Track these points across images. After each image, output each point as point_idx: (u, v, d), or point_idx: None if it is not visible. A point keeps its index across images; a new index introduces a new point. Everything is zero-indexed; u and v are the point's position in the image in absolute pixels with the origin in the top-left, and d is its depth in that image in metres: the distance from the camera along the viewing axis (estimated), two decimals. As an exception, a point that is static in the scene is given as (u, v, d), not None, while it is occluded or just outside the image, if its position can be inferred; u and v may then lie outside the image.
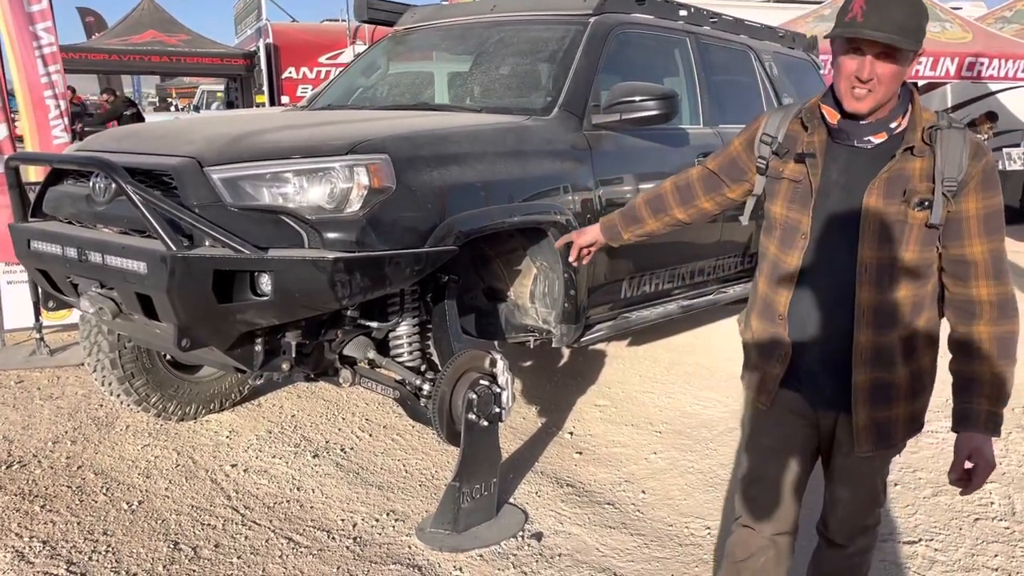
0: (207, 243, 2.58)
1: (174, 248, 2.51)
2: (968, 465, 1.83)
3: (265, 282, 2.60)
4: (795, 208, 1.91)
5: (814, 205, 1.87)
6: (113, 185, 2.79)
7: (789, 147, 1.93)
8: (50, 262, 3.01)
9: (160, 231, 2.51)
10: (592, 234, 2.50)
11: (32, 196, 3.26)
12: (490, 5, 4.34)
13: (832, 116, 1.85)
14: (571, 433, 4.06)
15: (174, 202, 2.61)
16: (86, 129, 13.22)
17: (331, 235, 2.60)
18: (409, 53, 4.69)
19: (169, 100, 28.46)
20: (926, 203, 1.75)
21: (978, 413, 1.81)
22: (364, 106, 4.21)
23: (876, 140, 1.81)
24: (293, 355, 2.96)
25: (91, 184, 2.90)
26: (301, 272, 2.55)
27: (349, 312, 3.02)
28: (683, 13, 4.46)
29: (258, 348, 2.88)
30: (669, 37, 4.30)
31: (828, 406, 1.97)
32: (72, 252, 2.86)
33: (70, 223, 3.06)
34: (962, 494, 1.88)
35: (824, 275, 1.88)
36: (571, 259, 2.53)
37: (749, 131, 2.08)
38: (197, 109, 20.17)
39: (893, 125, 1.80)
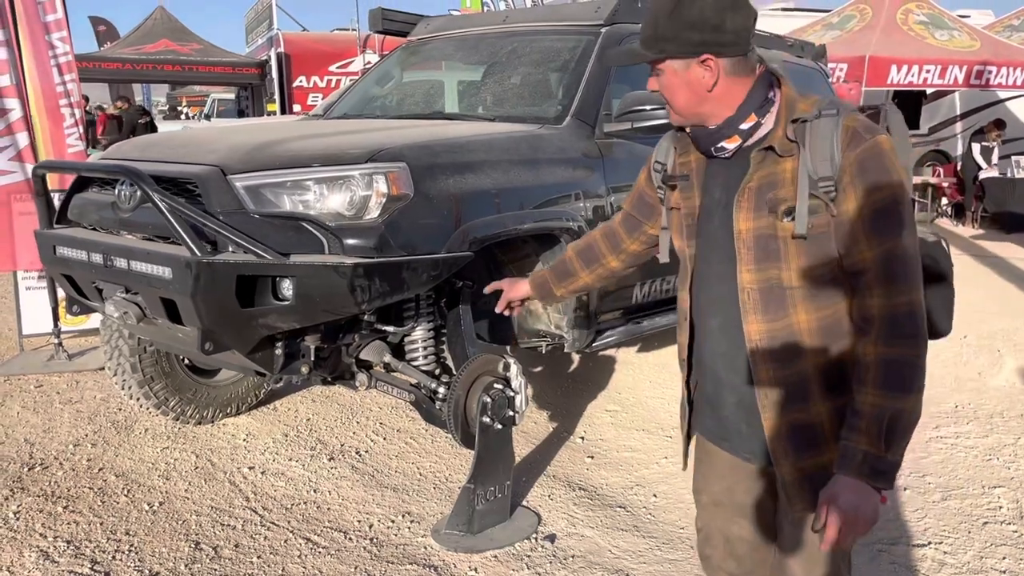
0: (230, 249, 2.65)
1: (199, 254, 2.58)
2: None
3: (287, 287, 2.66)
4: (683, 238, 1.72)
5: (695, 232, 1.68)
6: (138, 192, 2.86)
7: (673, 172, 1.75)
8: (76, 267, 3.08)
9: (185, 237, 2.57)
10: (522, 289, 2.26)
11: (57, 203, 3.34)
12: (503, 16, 4.41)
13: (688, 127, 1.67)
14: (582, 438, 4.11)
15: (198, 209, 2.68)
16: (101, 138, 13.37)
17: (351, 241, 2.66)
18: (423, 63, 4.76)
19: (179, 108, 28.67)
20: (793, 210, 1.49)
21: (853, 453, 1.47)
22: (379, 115, 4.28)
23: (730, 145, 1.59)
24: (312, 359, 3.02)
25: (116, 191, 2.98)
26: (322, 277, 2.62)
27: (366, 317, 3.08)
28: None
29: (278, 352, 2.94)
30: (679, 47, 4.35)
31: (761, 459, 1.69)
32: (98, 258, 2.93)
33: (95, 229, 3.14)
34: (821, 547, 1.48)
35: (717, 311, 1.66)
36: (498, 309, 2.33)
37: (646, 165, 1.90)
38: (208, 118, 20.33)
39: (744, 126, 1.56)
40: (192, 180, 2.75)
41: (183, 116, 25.67)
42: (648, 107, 3.50)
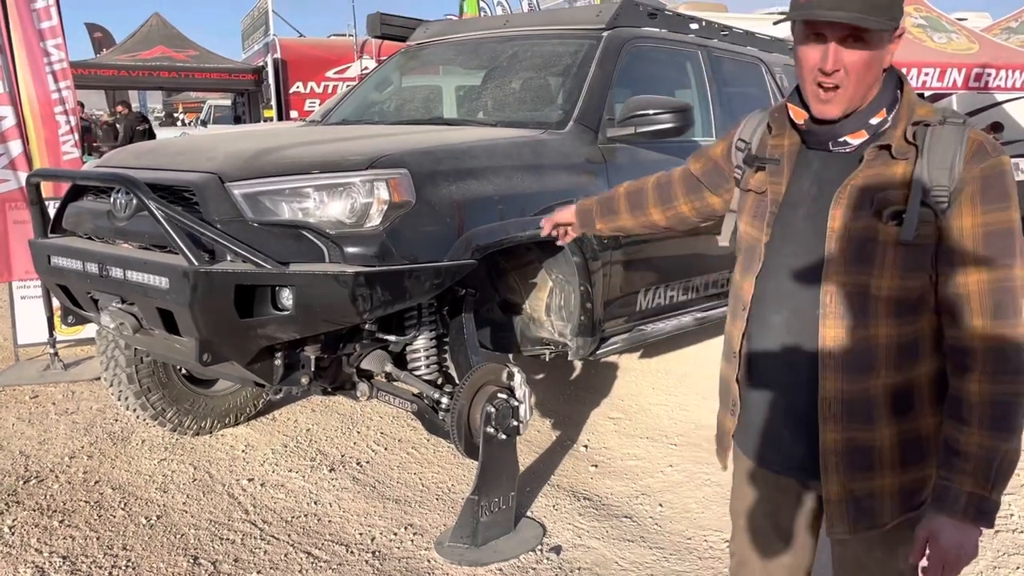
0: (228, 258, 2.59)
1: (196, 263, 2.52)
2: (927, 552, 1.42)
3: (286, 297, 2.61)
4: (755, 224, 1.60)
5: (774, 220, 1.55)
6: (134, 201, 2.81)
7: (760, 154, 1.63)
8: (71, 277, 3.03)
9: (182, 246, 2.52)
10: (567, 214, 2.22)
11: (52, 212, 3.28)
12: (503, 20, 4.37)
13: (798, 115, 1.52)
14: (586, 446, 4.05)
15: (195, 218, 2.62)
16: (95, 145, 13.31)
17: (352, 250, 2.61)
18: (422, 68, 4.72)
19: (175, 115, 28.60)
20: (900, 215, 1.39)
21: (956, 494, 1.39)
22: (378, 121, 4.23)
23: (854, 140, 1.46)
24: (312, 369, 2.97)
25: (112, 200, 2.92)
26: (322, 287, 2.56)
27: (367, 326, 3.02)
28: (694, 26, 4.48)
29: (278, 362, 2.89)
30: (681, 50, 4.32)
31: (800, 473, 1.60)
32: (93, 267, 2.88)
33: (90, 239, 3.08)
34: None
35: (783, 306, 1.54)
36: (543, 233, 2.30)
37: (728, 135, 1.77)
38: (204, 124, 20.27)
39: (874, 121, 1.45)
40: (189, 188, 2.70)
41: (179, 123, 25.61)
42: (651, 112, 3.46)
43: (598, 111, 3.59)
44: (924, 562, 1.42)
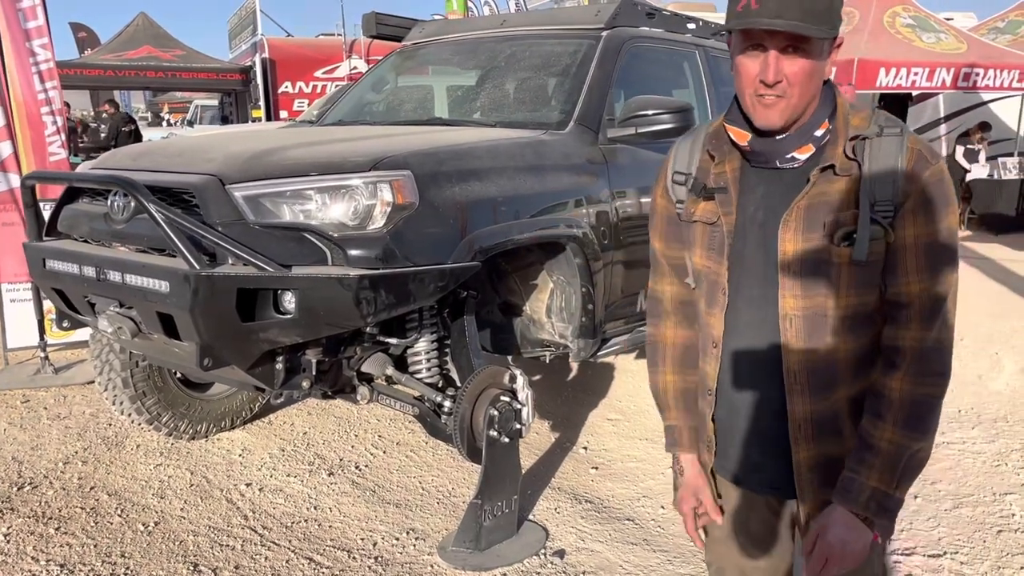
0: (230, 261, 2.55)
1: (197, 267, 2.48)
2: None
3: (288, 300, 2.57)
4: (713, 257, 1.53)
5: (730, 251, 1.50)
6: (133, 203, 2.77)
7: (704, 181, 1.54)
8: (67, 281, 2.98)
9: (183, 249, 2.48)
10: (703, 481, 1.71)
11: (46, 214, 3.23)
12: (500, 19, 4.34)
13: (740, 137, 1.47)
14: (586, 448, 4.03)
15: (196, 220, 2.58)
16: (80, 145, 13.18)
17: (355, 252, 2.58)
18: (419, 68, 4.69)
19: (161, 116, 28.37)
20: (852, 235, 1.37)
21: (861, 487, 1.42)
22: (375, 121, 4.20)
23: (802, 155, 1.43)
24: (313, 373, 2.93)
25: (109, 202, 2.88)
26: (325, 290, 2.53)
27: (368, 329, 2.99)
28: (691, 26, 4.47)
29: (279, 366, 2.85)
30: (679, 50, 4.31)
31: (774, 491, 1.60)
32: (90, 271, 2.83)
33: (86, 241, 3.03)
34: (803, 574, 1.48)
35: (750, 336, 1.51)
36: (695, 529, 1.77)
37: (659, 178, 1.65)
38: (191, 124, 20.13)
39: (819, 133, 1.42)
40: (189, 190, 2.66)
41: (165, 123, 25.41)
42: (651, 112, 3.44)
43: (598, 111, 3.57)
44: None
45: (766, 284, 1.47)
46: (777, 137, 1.43)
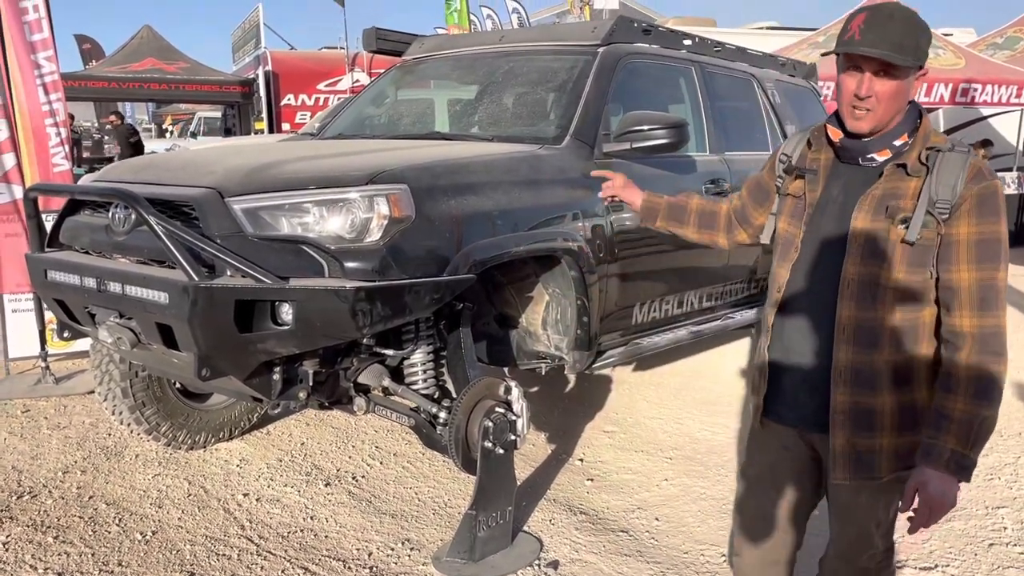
0: (228, 273, 2.59)
1: (196, 278, 2.52)
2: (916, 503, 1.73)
3: (286, 311, 2.61)
4: (793, 223, 1.93)
5: (808, 219, 1.89)
6: (133, 216, 2.81)
7: (800, 165, 1.96)
8: (67, 292, 3.02)
9: (182, 261, 2.52)
10: (634, 198, 2.51)
11: (48, 225, 3.27)
12: (498, 35, 4.39)
13: (835, 135, 1.86)
14: (581, 460, 4.06)
15: (195, 232, 2.62)
16: (84, 157, 13.27)
17: (352, 264, 2.62)
18: (418, 83, 4.74)
19: (164, 128, 28.50)
20: (908, 220, 1.72)
21: (941, 450, 1.70)
22: (375, 135, 4.24)
23: (880, 157, 1.80)
24: (310, 384, 2.97)
25: (110, 214, 2.92)
26: (322, 302, 2.56)
27: (365, 340, 3.02)
28: (687, 42, 4.52)
29: (276, 377, 2.88)
30: (675, 66, 4.36)
31: (811, 426, 1.91)
32: (91, 282, 2.87)
33: (87, 253, 3.07)
34: (909, 531, 1.77)
35: (810, 290, 1.87)
36: (602, 195, 2.62)
37: (772, 155, 2.13)
38: (194, 136, 20.24)
39: (897, 143, 1.78)
40: (189, 203, 2.70)
41: (168, 135, 25.55)
42: (646, 127, 3.49)
43: (594, 126, 3.61)
44: (910, 512, 1.73)
45: (836, 251, 1.81)
46: (864, 139, 1.80)
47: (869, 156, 1.81)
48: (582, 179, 3.47)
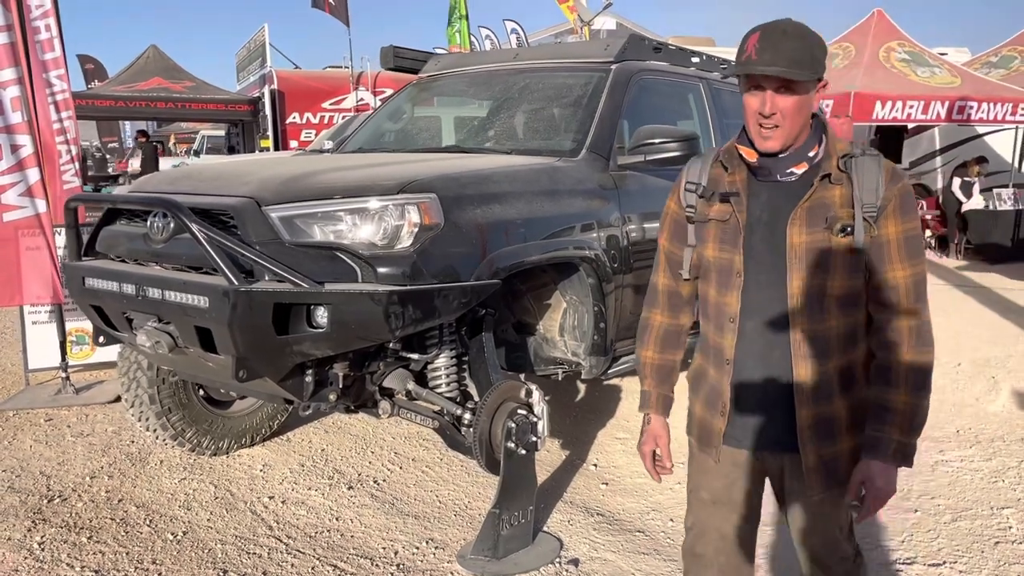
0: (266, 277, 2.71)
1: (236, 283, 2.64)
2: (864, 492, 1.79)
3: (321, 315, 2.72)
4: (727, 248, 1.87)
5: (744, 242, 1.84)
6: (172, 224, 2.93)
7: (713, 189, 1.90)
8: (106, 298, 3.13)
9: (223, 267, 2.64)
10: (663, 430, 2.07)
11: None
12: (513, 53, 4.53)
13: (750, 155, 1.84)
14: (595, 465, 4.15)
15: (234, 239, 2.74)
16: (89, 176, 13.43)
17: (384, 269, 2.74)
18: (435, 99, 4.88)
19: (167, 146, 28.68)
20: (848, 229, 1.74)
21: (887, 442, 1.76)
22: (394, 149, 4.37)
23: (798, 171, 1.80)
24: (340, 386, 3.07)
25: (149, 223, 3.03)
26: (357, 305, 2.68)
27: (391, 344, 3.13)
28: (695, 60, 4.67)
29: (308, 379, 2.99)
30: (683, 82, 4.51)
31: (774, 448, 1.90)
32: (130, 288, 2.98)
33: (123, 261, 3.19)
34: (856, 520, 1.86)
35: (761, 312, 1.84)
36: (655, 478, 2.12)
37: (674, 189, 2.01)
38: (197, 154, 20.39)
39: (811, 154, 1.80)
40: (227, 211, 2.82)
41: (173, 153, 25.73)
42: (659, 140, 3.62)
43: (609, 140, 3.75)
44: (855, 502, 1.81)
45: (772, 270, 1.82)
46: (779, 156, 1.81)
47: (788, 171, 1.81)
48: (598, 190, 3.60)
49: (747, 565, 2.07)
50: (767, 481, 2.01)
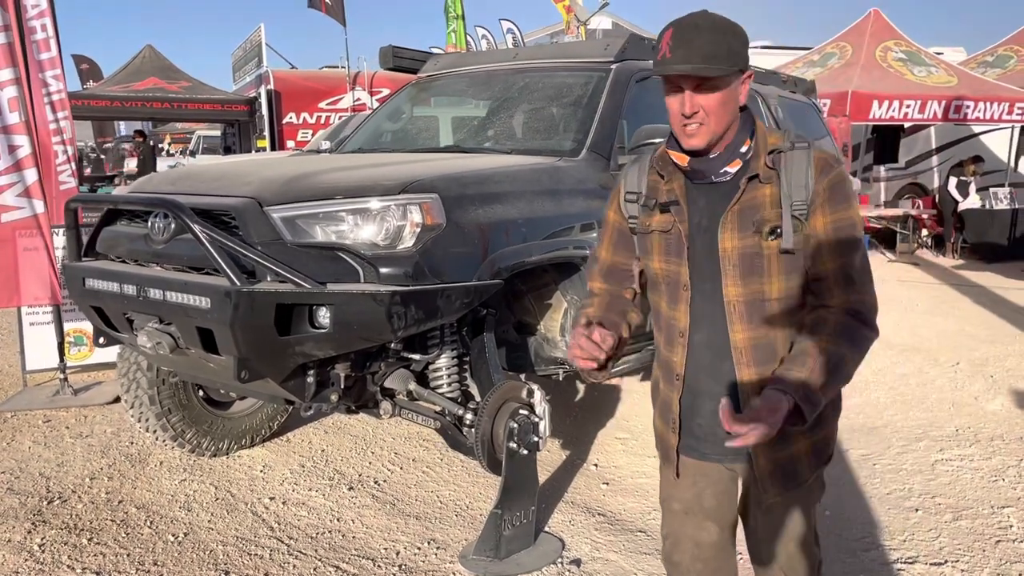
0: (268, 278, 2.70)
1: (238, 283, 2.63)
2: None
3: (323, 315, 2.72)
4: (671, 260, 1.80)
5: (689, 253, 1.77)
6: (173, 225, 2.92)
7: (654, 197, 1.82)
8: (106, 299, 3.12)
9: (225, 267, 2.63)
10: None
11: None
12: (512, 53, 4.53)
13: (681, 159, 1.75)
14: (596, 465, 4.15)
15: (236, 239, 2.73)
16: (85, 176, 13.42)
17: (386, 270, 2.73)
18: (434, 99, 4.87)
19: (161, 146, 28.60)
20: (777, 230, 1.67)
21: (791, 378, 1.61)
22: (395, 149, 4.37)
23: (732, 169, 1.72)
24: (341, 386, 3.07)
25: (150, 224, 3.02)
26: (359, 305, 2.68)
27: (393, 345, 3.13)
28: (695, 60, 4.67)
29: (310, 380, 2.99)
30: (683, 83, 4.50)
31: (733, 458, 1.86)
32: (131, 289, 2.97)
33: (124, 262, 3.18)
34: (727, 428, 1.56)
35: (708, 324, 1.78)
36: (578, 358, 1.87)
37: (613, 198, 1.95)
38: (192, 155, 20.36)
39: (743, 150, 1.72)
40: (229, 212, 2.81)
41: (165, 153, 25.67)
42: (659, 140, 3.61)
43: (609, 139, 3.75)
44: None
45: (714, 279, 1.76)
46: (710, 156, 1.73)
47: (722, 171, 1.73)
48: (599, 190, 3.59)
49: (725, 571, 2.04)
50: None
